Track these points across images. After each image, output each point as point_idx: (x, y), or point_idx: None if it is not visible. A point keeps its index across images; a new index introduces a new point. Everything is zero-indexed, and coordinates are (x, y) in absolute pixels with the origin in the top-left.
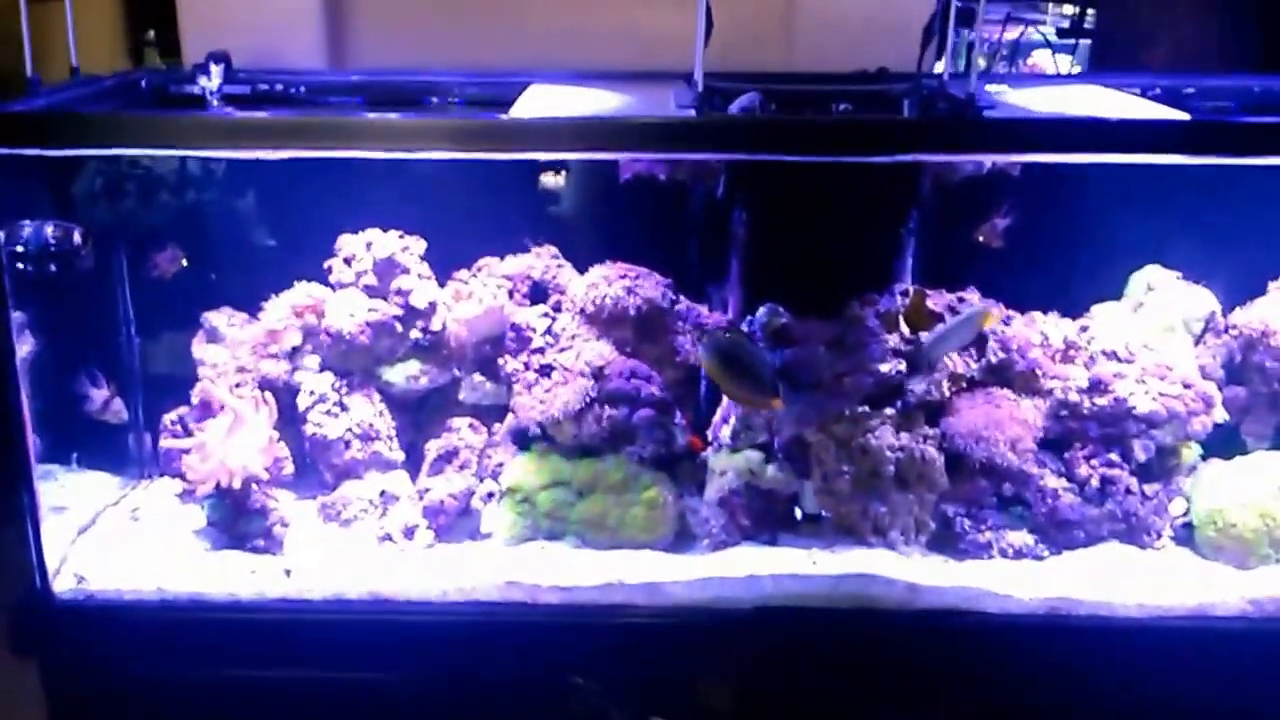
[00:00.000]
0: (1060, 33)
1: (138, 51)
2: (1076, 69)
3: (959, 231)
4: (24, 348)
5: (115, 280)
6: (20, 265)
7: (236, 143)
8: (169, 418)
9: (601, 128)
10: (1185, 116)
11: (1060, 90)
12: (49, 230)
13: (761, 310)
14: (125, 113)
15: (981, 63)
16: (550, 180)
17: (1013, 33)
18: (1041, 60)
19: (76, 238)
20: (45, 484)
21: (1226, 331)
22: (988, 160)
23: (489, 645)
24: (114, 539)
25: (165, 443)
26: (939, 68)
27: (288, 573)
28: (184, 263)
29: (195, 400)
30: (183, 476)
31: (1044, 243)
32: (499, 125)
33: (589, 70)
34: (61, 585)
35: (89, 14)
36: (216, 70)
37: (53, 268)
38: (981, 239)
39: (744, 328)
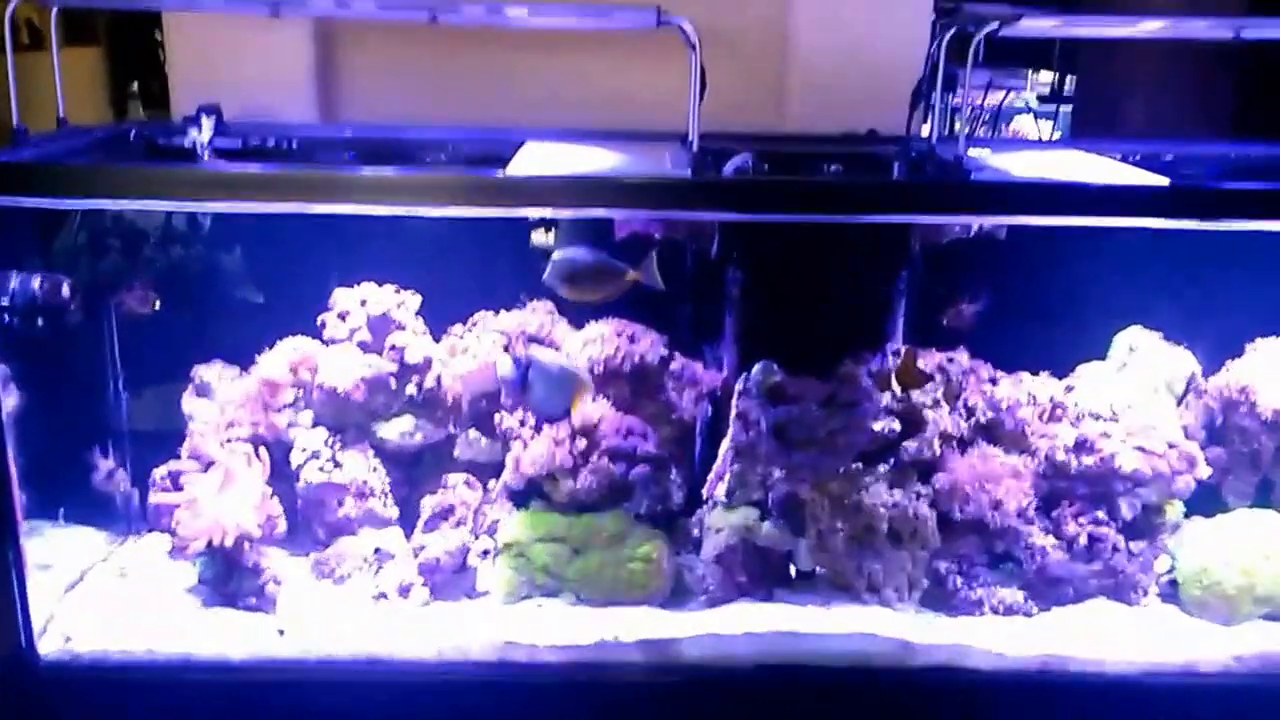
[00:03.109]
0: (1041, 99)
1: (121, 103)
2: (1058, 134)
3: (949, 292)
4: (9, 400)
5: (101, 332)
6: (6, 319)
7: (229, 196)
8: (159, 473)
9: (600, 186)
10: (1165, 181)
11: (1042, 155)
12: (36, 283)
13: (756, 368)
14: (114, 165)
15: (959, 126)
16: (546, 237)
17: (995, 98)
18: (1024, 125)
19: (64, 291)
20: (30, 540)
21: (1207, 392)
22: (975, 223)
23: (486, 705)
24: (102, 597)
25: (155, 498)
26: (925, 131)
27: (281, 632)
28: (156, 305)
29: (185, 455)
30: (173, 533)
31: (1029, 304)
32: (499, 182)
33: (581, 129)
34: (48, 645)
35: (75, 65)
36: (207, 123)
37: (39, 321)
38: (947, 323)
39: (738, 384)
